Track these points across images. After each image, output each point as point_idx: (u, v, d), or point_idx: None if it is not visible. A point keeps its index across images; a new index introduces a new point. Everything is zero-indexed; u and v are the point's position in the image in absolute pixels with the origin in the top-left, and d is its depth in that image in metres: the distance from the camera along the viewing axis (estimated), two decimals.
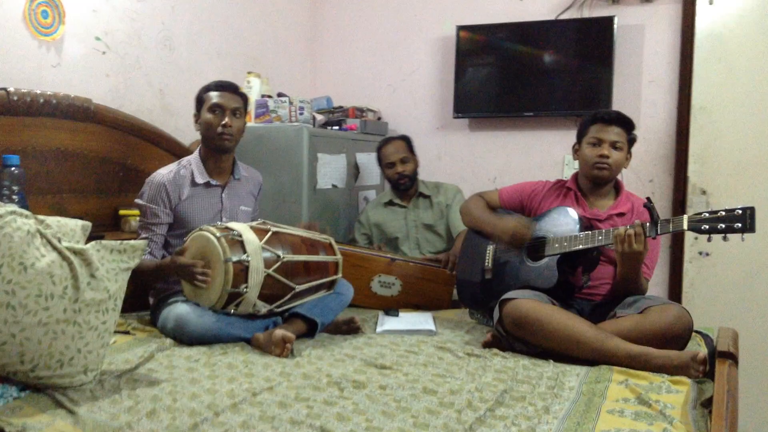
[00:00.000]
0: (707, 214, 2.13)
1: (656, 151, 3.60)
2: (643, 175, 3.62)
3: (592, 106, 3.56)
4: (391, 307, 2.98)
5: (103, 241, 1.98)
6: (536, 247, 2.54)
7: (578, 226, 2.44)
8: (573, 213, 2.50)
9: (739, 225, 2.07)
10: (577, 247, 2.39)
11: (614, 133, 2.56)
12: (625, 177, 3.60)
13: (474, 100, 3.89)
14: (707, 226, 2.11)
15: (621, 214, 2.57)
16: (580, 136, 2.67)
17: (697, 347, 2.33)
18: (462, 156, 4.00)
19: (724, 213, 2.10)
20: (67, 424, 1.62)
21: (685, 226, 2.16)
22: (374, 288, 3.12)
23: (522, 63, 3.77)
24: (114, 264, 1.97)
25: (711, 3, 3.38)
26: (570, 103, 3.68)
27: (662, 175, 3.60)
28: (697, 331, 2.51)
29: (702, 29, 3.41)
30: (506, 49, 3.80)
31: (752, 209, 2.08)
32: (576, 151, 2.69)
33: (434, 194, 3.50)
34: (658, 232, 2.23)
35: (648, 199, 2.31)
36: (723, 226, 2.09)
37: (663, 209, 3.58)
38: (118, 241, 2.00)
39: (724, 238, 2.14)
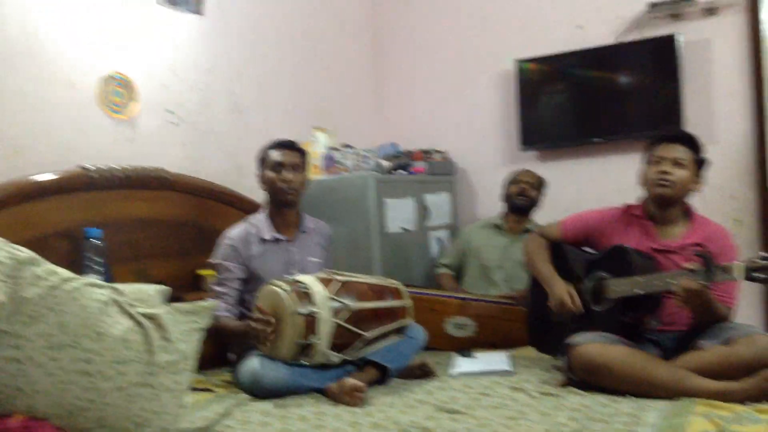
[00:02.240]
0: (761, 261, 1.97)
1: (736, 166, 3.44)
2: (725, 191, 3.47)
3: (663, 126, 3.47)
4: (465, 348, 2.95)
5: (176, 304, 2.07)
6: (598, 289, 2.46)
7: (633, 267, 2.33)
8: (629, 253, 2.38)
9: None
10: (635, 293, 2.28)
11: (677, 151, 2.45)
12: (707, 194, 3.45)
13: (540, 131, 3.86)
14: (762, 275, 1.95)
15: (696, 245, 2.36)
16: (647, 155, 2.56)
17: None
18: None
19: None
20: None
21: (738, 276, 2.02)
22: (449, 330, 3.11)
23: (586, 89, 3.72)
24: (186, 326, 2.06)
25: None
26: (639, 125, 3.58)
27: (745, 190, 3.43)
28: None
29: None
30: (569, 77, 3.77)
31: None
32: (642, 176, 2.57)
33: None
34: (712, 282, 2.10)
35: (699, 245, 2.21)
36: None
37: (750, 226, 3.42)
38: (190, 303, 2.09)
39: None
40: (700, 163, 2.49)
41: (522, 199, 3.49)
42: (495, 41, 4.05)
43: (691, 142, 2.48)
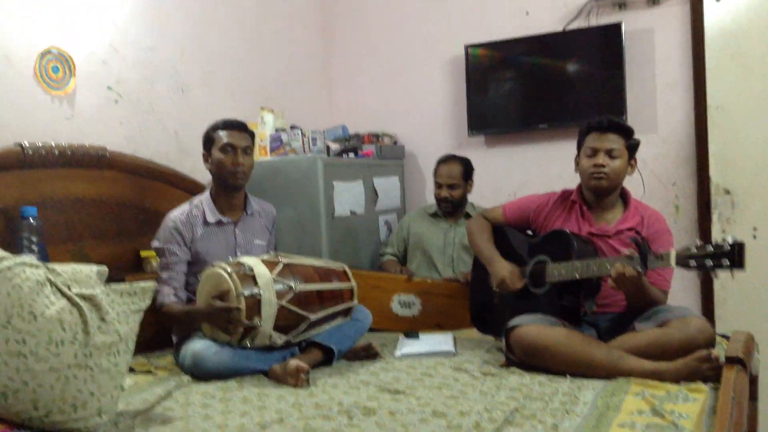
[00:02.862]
0: (695, 249, 2.00)
1: (677, 154, 3.53)
2: (665, 179, 3.56)
3: (607, 112, 3.45)
4: (411, 330, 2.97)
5: (114, 285, 2.03)
6: (538, 271, 2.50)
7: (572, 252, 2.37)
8: (569, 238, 2.41)
9: (727, 262, 1.92)
10: (573, 277, 2.33)
11: (609, 141, 2.47)
12: (647, 182, 3.54)
13: (487, 116, 3.89)
14: (695, 263, 1.99)
15: (630, 229, 2.46)
16: (578, 148, 2.60)
17: (721, 351, 2.26)
18: (481, 173, 3.96)
19: (712, 249, 1.96)
20: None
21: (673, 263, 2.05)
22: (395, 308, 3.13)
23: (532, 76, 3.76)
24: (124, 307, 2.01)
25: (718, 0, 3.32)
26: (584, 112, 3.63)
27: (685, 178, 3.52)
28: (723, 336, 2.45)
29: (711, 27, 3.36)
30: (516, 64, 3.80)
31: (741, 245, 1.93)
32: (577, 164, 2.61)
33: None
34: (647, 269, 2.14)
35: (636, 231, 2.26)
36: (711, 263, 1.95)
37: (689, 212, 3.51)
38: (129, 284, 2.05)
39: (714, 276, 2.02)
40: (632, 148, 2.52)
41: (446, 205, 3.48)
42: (445, 26, 4.05)
43: (622, 129, 2.50)
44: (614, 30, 3.50)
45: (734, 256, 1.92)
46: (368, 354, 2.60)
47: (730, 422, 1.43)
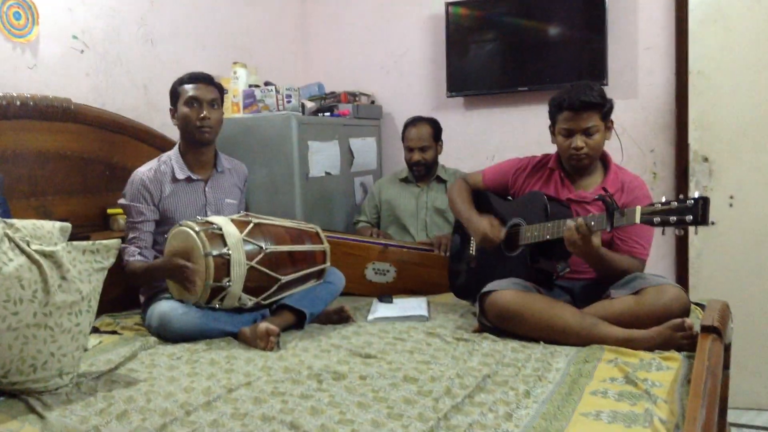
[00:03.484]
0: (660, 206, 1.94)
1: (656, 121, 3.49)
2: (643, 145, 3.52)
3: (587, 76, 3.47)
4: (385, 293, 2.94)
5: (75, 242, 1.95)
6: (513, 235, 2.46)
7: (546, 214, 2.32)
8: (543, 200, 2.37)
9: (690, 217, 1.86)
10: (545, 238, 2.28)
11: (584, 120, 2.36)
12: (626, 148, 3.50)
13: (467, 77, 3.81)
14: (659, 219, 1.93)
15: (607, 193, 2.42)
16: (551, 121, 2.50)
17: (696, 320, 2.25)
18: (459, 136, 3.92)
19: (676, 204, 1.90)
20: (35, 429, 1.60)
21: (638, 220, 1.99)
22: (369, 276, 3.08)
23: (513, 37, 3.68)
24: (87, 265, 1.94)
25: None
26: (565, 74, 3.57)
27: (663, 145, 3.49)
28: (697, 304, 2.44)
29: None
30: (497, 24, 3.71)
31: (706, 200, 1.86)
32: (552, 133, 2.53)
33: (451, 180, 3.43)
34: (612, 227, 2.07)
35: (604, 189, 2.21)
36: (674, 218, 1.89)
37: (666, 179, 3.49)
38: (92, 242, 1.97)
39: (679, 231, 1.98)
40: (607, 114, 2.43)
41: (419, 169, 3.41)
42: None
43: (596, 106, 2.38)
44: None
45: (697, 211, 1.86)
46: (340, 317, 2.56)
47: (704, 391, 1.41)
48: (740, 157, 3.29)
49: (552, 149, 2.62)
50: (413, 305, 2.73)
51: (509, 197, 2.68)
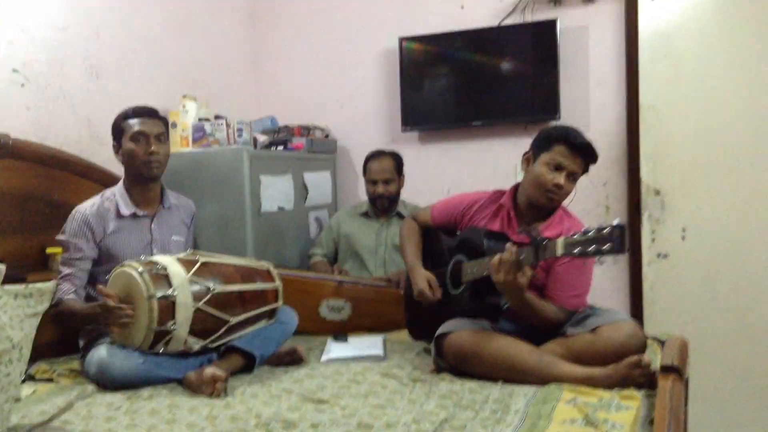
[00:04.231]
0: (579, 236, 1.87)
1: (608, 154, 3.51)
2: (596, 179, 3.53)
3: (541, 111, 3.50)
4: (340, 332, 2.85)
5: (8, 287, 1.83)
6: (457, 271, 2.40)
7: (483, 249, 2.23)
8: (480, 234, 2.29)
9: (608, 246, 1.79)
10: (483, 274, 2.18)
11: (577, 164, 2.28)
12: (579, 182, 3.49)
13: (421, 112, 3.79)
14: (579, 249, 1.86)
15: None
16: (538, 149, 2.36)
17: (653, 356, 2.23)
18: (414, 170, 3.88)
19: (593, 234, 1.83)
20: None
21: (559, 252, 1.92)
22: (323, 313, 2.99)
23: (467, 72, 3.68)
24: (19, 310, 1.82)
25: (653, 0, 3.32)
26: (518, 109, 3.59)
27: (616, 178, 3.51)
28: (655, 338, 2.42)
29: (645, 27, 3.35)
30: (450, 59, 3.71)
31: (622, 227, 1.79)
32: (527, 160, 2.42)
33: None
34: (538, 259, 2.00)
35: (527, 224, 2.16)
36: (593, 248, 1.82)
37: (619, 212, 3.51)
38: (23, 285, 1.85)
39: (599, 262, 1.89)
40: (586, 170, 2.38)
41: (382, 202, 3.38)
42: (379, 16, 3.93)
43: (593, 158, 2.33)
44: (549, 27, 3.46)
45: (613, 239, 1.79)
46: (293, 359, 2.46)
47: None
48: (692, 190, 3.33)
49: (507, 184, 2.57)
50: (369, 344, 2.65)
51: (457, 233, 2.64)
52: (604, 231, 1.80)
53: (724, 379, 3.28)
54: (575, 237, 1.87)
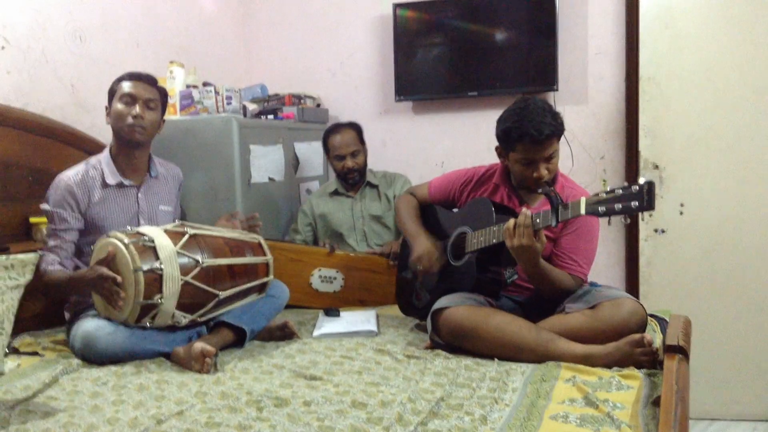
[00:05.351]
0: (605, 195, 1.85)
1: (606, 127, 3.45)
2: (593, 152, 3.48)
3: (538, 82, 3.43)
4: (332, 306, 2.80)
5: None
6: (459, 243, 2.36)
7: (493, 218, 2.20)
8: (489, 205, 2.25)
9: (636, 204, 1.76)
10: (491, 242, 2.16)
11: (546, 149, 2.21)
12: (576, 155, 3.47)
13: (416, 81, 3.70)
14: (604, 208, 1.83)
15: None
16: (504, 147, 2.32)
17: (652, 333, 2.19)
18: (407, 141, 3.82)
19: (621, 191, 1.81)
20: None
21: (583, 211, 1.89)
22: (315, 284, 2.94)
23: (463, 41, 3.58)
24: (1, 282, 1.75)
25: None
26: (515, 80, 3.50)
27: (614, 151, 3.45)
28: (652, 315, 2.37)
29: None
30: (446, 27, 3.61)
31: (651, 184, 1.76)
32: (500, 155, 2.38)
33: (382, 184, 3.33)
34: (558, 221, 1.96)
35: (546, 183, 2.12)
36: (620, 206, 1.79)
37: (614, 186, 3.43)
38: (4, 256, 1.78)
39: (625, 219, 1.87)
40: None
41: (353, 176, 3.29)
42: None
43: (559, 133, 2.24)
44: None
45: (642, 196, 1.76)
46: (284, 334, 2.41)
47: (675, 419, 1.31)
48: (691, 165, 3.27)
49: None
50: (361, 319, 2.60)
51: (455, 209, 2.58)
52: (632, 188, 1.78)
53: (720, 355, 3.26)
54: (600, 195, 1.85)
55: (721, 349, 3.26)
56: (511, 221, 2.03)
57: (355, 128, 3.34)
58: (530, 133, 2.16)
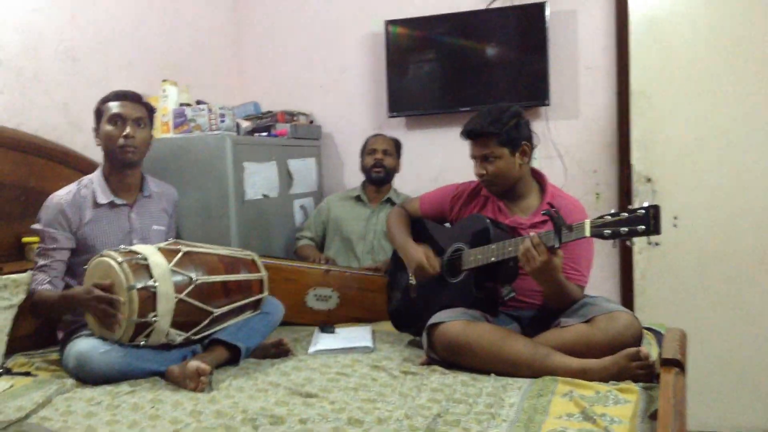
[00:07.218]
0: (609, 218, 1.86)
1: (598, 141, 3.47)
2: (586, 165, 3.49)
3: (530, 97, 3.45)
4: (327, 323, 2.78)
5: None
6: (455, 260, 2.36)
7: (489, 236, 2.22)
8: (485, 222, 2.28)
9: (642, 227, 1.78)
10: (489, 261, 2.18)
11: (479, 147, 2.36)
12: (568, 169, 3.48)
13: (409, 97, 3.72)
14: (609, 231, 1.85)
15: (545, 222, 2.30)
16: None
17: (648, 346, 2.19)
18: (402, 156, 3.82)
19: (626, 215, 1.82)
20: None
21: (587, 233, 1.91)
22: (309, 303, 2.93)
23: (456, 56, 3.61)
24: None
25: None
26: (507, 95, 3.51)
27: (606, 165, 3.47)
28: (648, 329, 2.37)
29: (636, 11, 3.30)
30: (438, 43, 3.64)
31: (656, 208, 1.78)
32: None
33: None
34: (561, 242, 1.98)
35: (549, 204, 2.14)
36: (626, 229, 1.81)
37: (609, 200, 3.46)
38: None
39: (630, 243, 1.91)
40: (511, 141, 2.34)
41: (379, 171, 3.38)
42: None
43: (482, 134, 2.33)
44: (538, 10, 3.39)
45: (648, 220, 1.78)
46: (279, 351, 2.40)
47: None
48: (683, 177, 3.29)
49: None
50: (357, 335, 2.59)
51: (446, 224, 2.59)
52: (638, 212, 1.80)
53: (715, 368, 3.26)
54: (605, 218, 1.87)
55: (717, 362, 3.26)
56: (523, 246, 2.03)
57: (396, 141, 3.50)
58: (464, 129, 2.39)
